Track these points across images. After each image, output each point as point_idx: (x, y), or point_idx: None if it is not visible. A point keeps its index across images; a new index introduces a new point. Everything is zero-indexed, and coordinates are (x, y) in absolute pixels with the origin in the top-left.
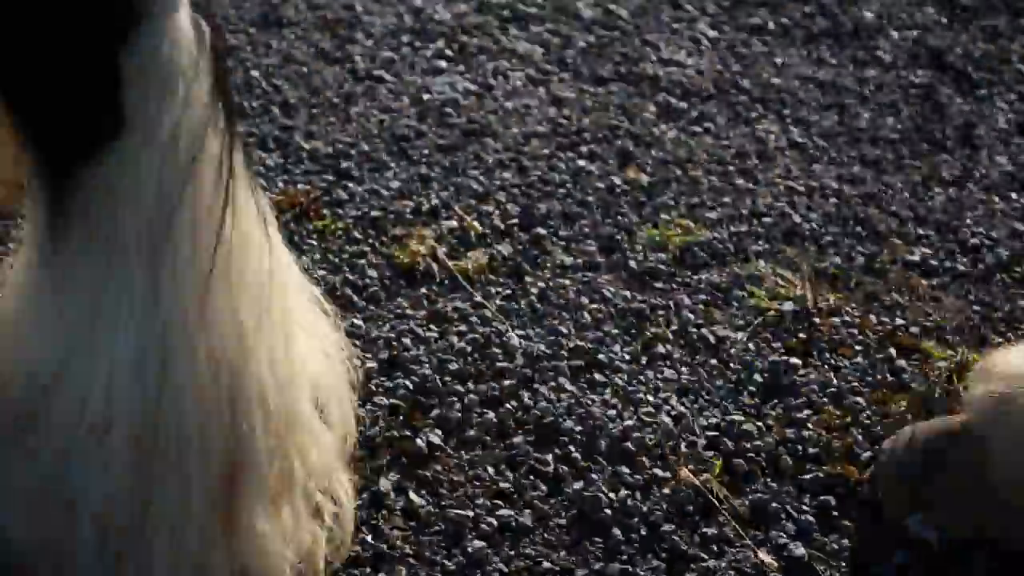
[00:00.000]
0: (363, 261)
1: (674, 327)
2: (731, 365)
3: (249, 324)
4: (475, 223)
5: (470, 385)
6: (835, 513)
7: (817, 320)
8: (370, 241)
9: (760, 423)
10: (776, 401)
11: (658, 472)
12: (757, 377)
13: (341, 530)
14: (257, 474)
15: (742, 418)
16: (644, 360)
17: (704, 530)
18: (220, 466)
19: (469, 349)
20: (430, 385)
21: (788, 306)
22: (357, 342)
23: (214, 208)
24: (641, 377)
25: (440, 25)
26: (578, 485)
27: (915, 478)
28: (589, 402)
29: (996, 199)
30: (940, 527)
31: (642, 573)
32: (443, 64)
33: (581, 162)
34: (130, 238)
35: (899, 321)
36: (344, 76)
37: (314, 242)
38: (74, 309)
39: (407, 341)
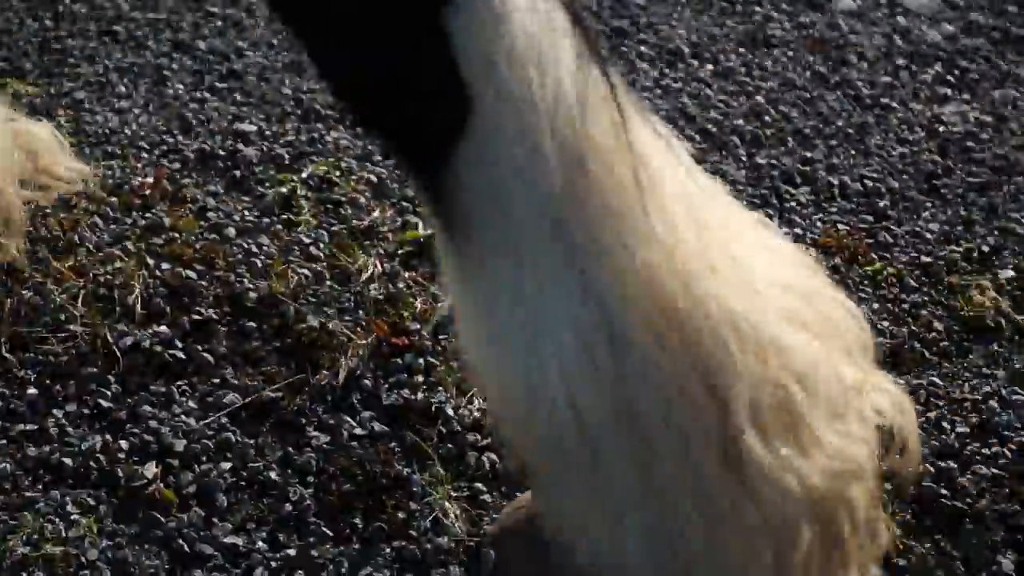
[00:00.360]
0: (925, 312)
1: None
2: None
3: (690, 265)
4: None
5: None
6: None
7: None
8: (926, 290)
9: None
10: None
11: None
12: None
13: (902, 442)
14: (748, 411)
15: None
16: None
17: None
18: (710, 415)
19: None
20: None
21: None
22: (940, 402)
23: (614, 154)
24: None
25: (933, 48)
26: None
27: None
28: None
29: None
30: None
31: None
32: (947, 91)
33: None
34: (526, 212)
35: None
36: (849, 103)
37: (869, 290)
38: (500, 310)
39: (994, 404)
